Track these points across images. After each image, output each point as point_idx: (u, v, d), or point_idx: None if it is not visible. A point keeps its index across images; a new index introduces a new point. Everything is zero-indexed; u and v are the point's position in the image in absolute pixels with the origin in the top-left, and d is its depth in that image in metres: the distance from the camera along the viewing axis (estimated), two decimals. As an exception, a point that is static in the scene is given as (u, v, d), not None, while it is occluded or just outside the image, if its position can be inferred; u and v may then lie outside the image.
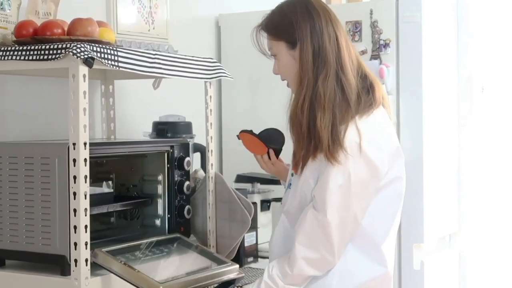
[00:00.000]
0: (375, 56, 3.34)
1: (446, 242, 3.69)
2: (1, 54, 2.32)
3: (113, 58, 2.31)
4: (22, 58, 2.28)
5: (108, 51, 2.30)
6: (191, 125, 3.14)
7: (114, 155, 2.70)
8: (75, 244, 2.23)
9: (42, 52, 2.24)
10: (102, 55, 2.27)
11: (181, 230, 2.78)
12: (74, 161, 2.22)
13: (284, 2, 2.21)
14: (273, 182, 3.32)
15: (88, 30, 2.35)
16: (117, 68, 2.32)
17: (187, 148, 2.82)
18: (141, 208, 2.82)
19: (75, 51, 2.17)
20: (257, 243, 3.20)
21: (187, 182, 2.80)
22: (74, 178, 2.22)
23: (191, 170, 2.90)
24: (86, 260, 2.24)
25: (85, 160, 2.22)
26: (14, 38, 2.42)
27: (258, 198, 3.31)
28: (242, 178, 3.38)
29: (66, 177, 2.27)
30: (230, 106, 3.79)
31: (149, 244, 2.62)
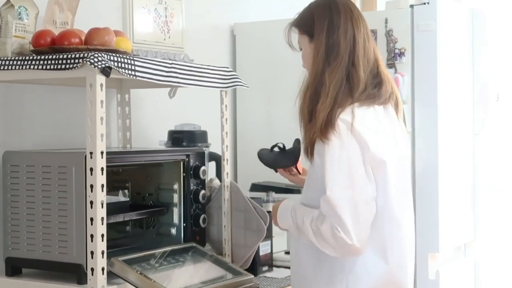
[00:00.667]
0: (390, 65, 3.33)
1: (461, 251, 3.67)
2: (19, 63, 2.34)
3: (130, 67, 2.32)
4: (40, 67, 2.29)
5: (125, 61, 2.31)
6: (207, 133, 3.14)
7: (130, 164, 2.71)
8: (92, 253, 2.24)
9: (60, 61, 2.26)
10: (119, 65, 2.28)
11: (196, 239, 2.78)
12: (91, 170, 2.23)
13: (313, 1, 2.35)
14: (288, 191, 3.32)
15: (105, 39, 2.36)
16: (134, 77, 2.33)
17: (203, 157, 2.83)
18: (156, 217, 2.82)
19: (93, 61, 2.18)
20: (272, 252, 3.19)
21: (203, 191, 2.80)
22: (91, 187, 2.23)
23: (207, 179, 2.91)
24: (103, 269, 2.25)
25: (102, 169, 2.23)
26: (32, 48, 2.44)
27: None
28: (257, 187, 3.39)
29: (83, 186, 2.28)
30: (244, 114, 3.80)
31: (164, 253, 2.63)
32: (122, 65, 2.29)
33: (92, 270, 2.23)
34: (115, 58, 2.27)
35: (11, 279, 2.46)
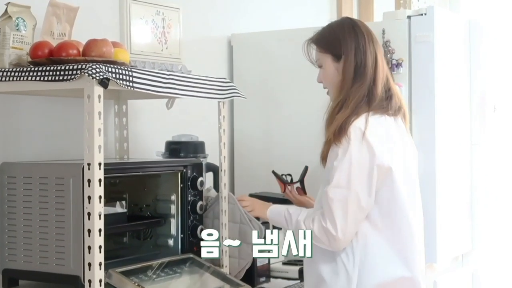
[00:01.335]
0: (388, 75, 3.33)
1: (459, 262, 3.67)
2: (17, 74, 2.33)
3: (128, 78, 2.32)
4: (38, 78, 2.29)
5: (123, 72, 2.30)
6: (204, 144, 3.14)
7: (128, 175, 2.71)
8: (89, 264, 2.23)
9: (58, 73, 2.25)
10: (117, 76, 2.28)
11: (194, 250, 2.77)
12: (89, 181, 2.22)
13: (334, 21, 2.56)
14: (285, 201, 3.31)
15: (103, 50, 2.36)
16: (132, 88, 2.33)
17: (200, 168, 2.83)
18: (154, 228, 2.82)
19: (91, 72, 2.18)
20: (269, 263, 3.19)
21: (200, 202, 2.80)
22: (89, 198, 2.22)
23: (204, 190, 2.90)
24: (100, 280, 2.23)
25: (99, 180, 2.22)
26: (30, 59, 2.44)
27: (270, 217, 3.30)
28: (255, 197, 3.37)
29: (81, 197, 2.28)
30: (242, 125, 3.80)
31: (162, 264, 2.62)
32: (120, 76, 2.29)
33: (89, 282, 2.22)
34: (113, 70, 2.27)
35: (8, 291, 2.46)
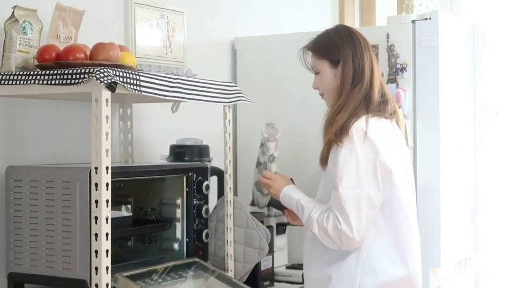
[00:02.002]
0: (392, 80, 3.34)
1: (462, 266, 3.66)
2: (24, 78, 2.33)
3: (135, 82, 2.32)
4: (45, 82, 2.28)
5: (130, 76, 2.30)
6: (209, 148, 3.14)
7: (134, 179, 2.70)
8: (96, 268, 2.22)
9: (65, 76, 2.25)
10: (125, 80, 2.27)
11: (199, 254, 2.77)
12: (96, 185, 2.22)
13: (329, 28, 2.59)
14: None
15: (110, 54, 2.35)
16: (139, 92, 2.33)
17: (206, 171, 2.82)
18: (159, 232, 2.81)
19: (98, 76, 2.17)
20: (273, 267, 3.19)
21: (206, 206, 2.80)
22: (96, 202, 2.22)
23: (210, 194, 2.90)
24: (107, 284, 2.23)
25: (107, 184, 2.22)
26: (36, 62, 2.43)
27: (274, 221, 3.30)
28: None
29: (87, 201, 2.27)
30: (245, 129, 3.79)
31: (167, 268, 2.62)
32: (128, 80, 2.29)
33: (96, 286, 2.22)
34: (121, 74, 2.27)
35: (14, 295, 2.45)
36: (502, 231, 3.90)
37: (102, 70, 2.19)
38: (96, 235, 2.22)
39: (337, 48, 2.47)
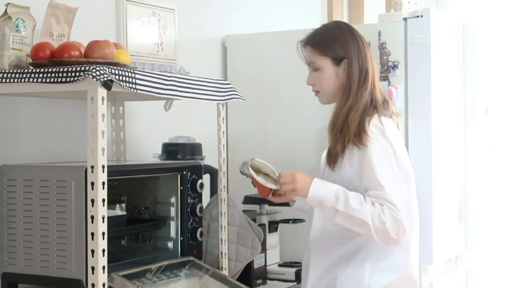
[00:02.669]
0: (384, 77, 3.34)
1: (452, 263, 3.68)
2: (18, 76, 2.30)
3: (131, 80, 2.30)
4: (40, 80, 2.26)
5: (126, 74, 2.28)
6: (201, 146, 3.12)
7: (127, 178, 2.68)
8: (93, 268, 2.21)
9: (60, 74, 2.23)
10: (121, 78, 2.25)
11: (193, 252, 2.76)
12: (92, 184, 2.20)
13: (328, 23, 2.58)
14: (281, 203, 3.31)
15: (105, 52, 2.34)
16: (135, 90, 2.31)
17: (200, 170, 2.81)
18: (153, 230, 2.80)
19: (95, 74, 2.15)
20: (266, 265, 3.19)
21: (200, 204, 2.78)
22: (92, 201, 2.20)
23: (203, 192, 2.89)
24: (104, 284, 2.22)
25: (103, 183, 2.20)
26: (30, 60, 2.41)
27: (266, 219, 3.30)
28: (250, 199, 3.36)
29: (83, 200, 2.26)
30: (236, 126, 3.78)
31: (161, 267, 2.60)
32: (123, 78, 2.27)
33: (93, 285, 2.20)
34: (116, 71, 2.25)
35: (7, 295, 2.43)
36: (492, 228, 3.91)
37: (98, 68, 2.17)
38: (92, 235, 2.21)
39: (341, 45, 2.41)
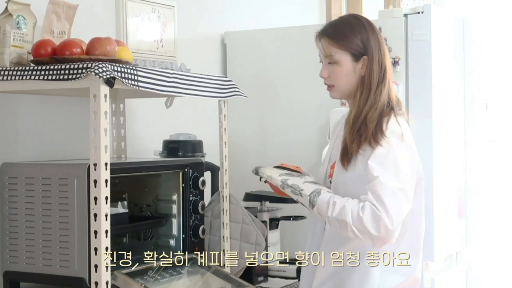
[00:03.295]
0: (384, 74, 3.33)
1: (453, 259, 3.67)
2: (19, 73, 2.29)
3: (133, 77, 2.29)
4: (42, 77, 2.25)
5: (128, 71, 2.27)
6: (202, 143, 3.11)
7: (129, 175, 2.67)
8: (96, 266, 2.20)
9: (62, 72, 2.22)
10: (123, 75, 2.24)
11: (195, 250, 2.75)
12: (95, 182, 2.18)
13: (348, 16, 2.46)
14: (281, 200, 3.30)
15: (107, 49, 2.32)
16: (137, 88, 2.30)
17: (202, 167, 2.80)
18: (155, 228, 2.79)
19: (97, 71, 2.14)
20: (267, 262, 3.18)
21: (202, 202, 2.78)
22: (95, 199, 2.19)
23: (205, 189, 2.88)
24: (107, 282, 2.21)
25: (106, 181, 2.19)
26: (31, 58, 2.39)
27: (267, 216, 3.29)
28: (251, 196, 3.35)
29: (85, 198, 2.25)
30: (236, 123, 3.76)
31: (165, 265, 2.59)
32: (126, 75, 2.26)
33: (96, 284, 2.19)
34: (118, 69, 2.24)
35: (9, 294, 2.42)
36: (492, 224, 3.91)
37: (100, 65, 2.16)
38: (95, 233, 2.20)
39: (362, 41, 2.29)
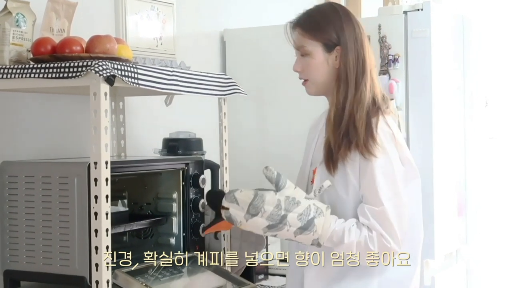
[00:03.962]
0: (384, 71, 3.32)
1: (453, 257, 3.67)
2: (19, 71, 2.28)
3: (133, 75, 2.28)
4: (41, 76, 2.24)
5: (128, 69, 2.26)
6: (202, 141, 3.10)
7: (129, 173, 2.67)
8: (97, 265, 2.19)
9: (62, 69, 2.21)
10: (123, 73, 2.24)
11: (196, 248, 2.75)
12: (96, 180, 2.18)
13: (323, 4, 2.27)
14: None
15: (107, 47, 2.31)
16: (137, 86, 2.29)
17: (202, 165, 2.79)
18: (156, 226, 2.78)
19: (97, 69, 2.13)
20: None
21: (202, 200, 2.77)
22: (96, 198, 2.18)
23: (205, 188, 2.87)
24: (108, 281, 2.20)
25: (106, 179, 2.19)
26: (31, 56, 2.38)
27: (266, 214, 3.27)
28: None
29: (85, 196, 2.24)
30: (235, 121, 3.75)
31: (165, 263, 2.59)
32: (126, 73, 2.25)
33: (97, 282, 2.19)
34: (118, 67, 2.23)
35: (9, 293, 2.41)
36: (492, 222, 3.91)
37: (100, 63, 2.15)
38: (96, 231, 2.19)
39: (335, 30, 2.14)
